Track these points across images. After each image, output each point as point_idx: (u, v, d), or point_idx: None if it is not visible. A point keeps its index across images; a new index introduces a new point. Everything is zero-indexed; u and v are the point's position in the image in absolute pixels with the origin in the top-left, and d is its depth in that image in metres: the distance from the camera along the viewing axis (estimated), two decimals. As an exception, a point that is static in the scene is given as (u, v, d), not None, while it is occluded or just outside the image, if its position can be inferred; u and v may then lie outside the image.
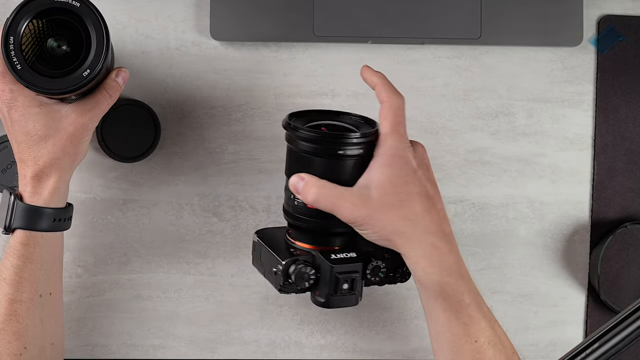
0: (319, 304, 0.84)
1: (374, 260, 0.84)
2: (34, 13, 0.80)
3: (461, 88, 1.00)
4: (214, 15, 0.97)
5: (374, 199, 0.79)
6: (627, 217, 1.00)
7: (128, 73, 0.87)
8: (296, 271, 0.82)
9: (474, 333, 0.79)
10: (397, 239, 0.79)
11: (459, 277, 0.79)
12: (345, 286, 0.83)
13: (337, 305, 0.84)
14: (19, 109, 0.83)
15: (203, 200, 0.99)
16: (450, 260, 0.79)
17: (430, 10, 0.98)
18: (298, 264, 0.82)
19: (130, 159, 0.97)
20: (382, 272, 0.85)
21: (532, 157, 1.00)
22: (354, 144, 0.81)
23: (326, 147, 0.81)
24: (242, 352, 1.00)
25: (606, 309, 0.99)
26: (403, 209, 0.79)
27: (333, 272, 0.82)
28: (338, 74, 0.99)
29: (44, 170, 0.83)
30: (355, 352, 1.00)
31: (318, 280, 0.83)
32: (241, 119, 0.99)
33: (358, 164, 0.81)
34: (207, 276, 0.99)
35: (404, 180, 0.79)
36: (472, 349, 0.79)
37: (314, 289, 0.84)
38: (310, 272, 0.82)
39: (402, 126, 0.81)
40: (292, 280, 0.82)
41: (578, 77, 1.00)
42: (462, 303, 0.79)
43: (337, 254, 0.83)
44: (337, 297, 0.83)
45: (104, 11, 0.98)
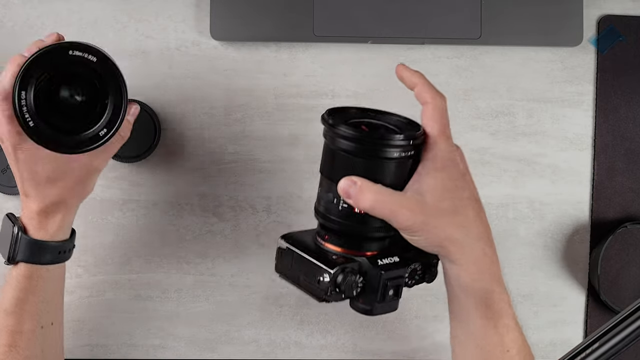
0: (363, 311, 0.80)
1: (412, 263, 0.81)
2: (48, 67, 0.76)
3: (461, 88, 1.00)
4: (214, 15, 0.97)
5: (429, 205, 0.75)
6: (627, 217, 1.00)
7: (138, 108, 0.86)
8: (346, 280, 0.77)
9: (507, 343, 0.78)
10: (450, 245, 0.76)
11: (502, 284, 0.78)
12: (391, 292, 0.79)
13: (380, 312, 0.80)
14: (25, 150, 0.80)
15: (203, 200, 0.99)
16: (497, 268, 0.79)
17: (430, 10, 0.98)
18: (347, 272, 0.77)
19: (130, 159, 0.97)
20: (418, 275, 0.82)
21: (532, 157, 1.00)
22: (400, 146, 0.76)
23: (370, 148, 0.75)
24: (242, 352, 1.00)
25: (606, 309, 0.99)
26: (458, 215, 0.76)
27: (382, 279, 0.78)
28: (338, 74, 0.99)
29: (51, 207, 0.82)
30: (355, 352, 1.00)
31: (364, 288, 0.78)
32: (241, 119, 0.99)
33: (402, 167, 0.77)
34: (207, 276, 0.99)
35: (455, 184, 0.77)
36: (506, 358, 0.78)
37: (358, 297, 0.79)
38: (359, 279, 0.78)
39: (449, 128, 0.78)
40: (340, 289, 0.77)
41: (578, 77, 1.00)
42: (502, 312, 0.78)
43: (382, 260, 0.79)
44: (382, 304, 0.79)
45: (104, 11, 0.98)
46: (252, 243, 0.99)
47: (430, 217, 0.75)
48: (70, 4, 0.98)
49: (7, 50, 0.98)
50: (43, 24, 0.98)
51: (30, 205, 0.82)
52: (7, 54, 0.98)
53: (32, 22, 0.98)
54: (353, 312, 1.00)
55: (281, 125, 0.99)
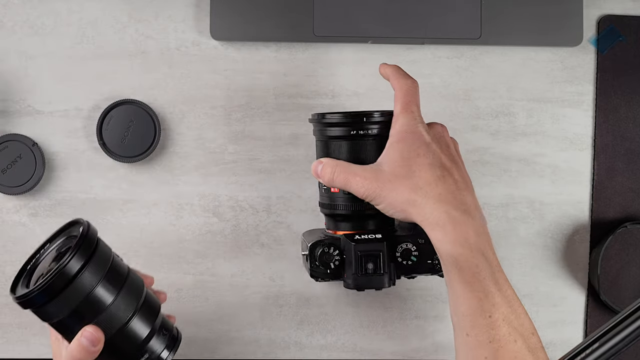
0: (347, 285, 0.87)
1: (405, 243, 0.86)
2: None
3: (461, 88, 1.00)
4: (214, 15, 0.97)
5: (385, 172, 0.81)
6: (627, 217, 1.00)
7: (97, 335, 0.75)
8: (320, 252, 0.86)
9: (488, 308, 0.78)
10: (410, 208, 0.80)
11: (474, 249, 0.78)
12: (370, 266, 0.85)
13: (365, 287, 0.86)
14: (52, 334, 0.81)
15: (203, 200, 0.99)
16: (466, 230, 0.79)
17: (430, 10, 0.98)
18: (323, 246, 0.86)
19: (130, 158, 0.97)
20: (414, 256, 0.86)
21: (532, 157, 1.00)
22: (370, 122, 0.84)
23: (343, 129, 0.85)
24: (242, 352, 1.00)
25: (606, 309, 0.99)
26: (413, 178, 0.80)
27: (355, 251, 0.85)
28: (338, 74, 0.99)
29: None
30: (355, 352, 1.00)
31: (343, 262, 0.86)
32: (241, 119, 0.99)
33: (377, 146, 0.84)
34: (207, 276, 0.99)
35: (416, 153, 0.81)
36: (486, 324, 0.78)
37: (341, 272, 0.86)
38: (334, 252, 0.86)
39: (414, 105, 0.83)
40: (320, 262, 0.86)
41: (578, 77, 1.00)
42: (476, 276, 0.78)
43: (362, 236, 0.86)
44: (363, 278, 0.85)
45: (104, 11, 0.98)
46: (252, 243, 0.99)
47: (386, 183, 0.80)
48: (70, 4, 0.98)
49: (7, 50, 0.98)
50: (43, 24, 0.98)
51: None
52: (7, 54, 0.98)
53: (32, 22, 0.98)
54: (353, 312, 1.00)
55: (281, 125, 0.99)
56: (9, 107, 0.98)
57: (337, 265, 0.86)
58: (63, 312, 0.75)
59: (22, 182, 0.96)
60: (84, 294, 0.74)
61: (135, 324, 0.78)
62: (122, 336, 0.77)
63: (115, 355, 0.78)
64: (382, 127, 0.85)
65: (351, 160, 0.84)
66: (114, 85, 0.98)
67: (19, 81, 0.98)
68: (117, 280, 0.77)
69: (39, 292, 0.73)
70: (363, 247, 0.85)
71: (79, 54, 0.98)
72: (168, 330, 0.82)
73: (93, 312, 0.75)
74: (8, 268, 0.98)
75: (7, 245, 0.98)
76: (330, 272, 0.86)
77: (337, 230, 0.88)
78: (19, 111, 0.98)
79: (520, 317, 0.79)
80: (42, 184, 0.97)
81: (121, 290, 0.77)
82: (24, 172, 0.96)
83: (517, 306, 0.80)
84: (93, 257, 0.75)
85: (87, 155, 0.98)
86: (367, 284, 0.86)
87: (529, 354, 0.78)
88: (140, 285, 0.80)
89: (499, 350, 0.77)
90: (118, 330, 0.76)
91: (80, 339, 0.75)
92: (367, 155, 0.85)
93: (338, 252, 0.86)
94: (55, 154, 0.98)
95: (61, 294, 0.74)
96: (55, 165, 0.98)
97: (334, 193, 0.87)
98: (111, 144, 0.97)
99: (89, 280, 0.75)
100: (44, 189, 0.98)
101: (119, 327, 0.76)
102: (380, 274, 0.85)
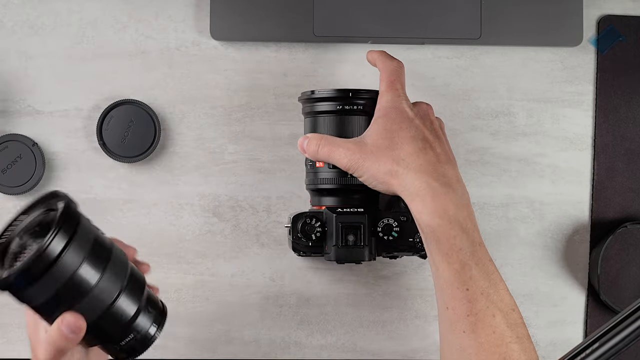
0: (328, 258, 0.88)
1: (386, 218, 0.88)
2: None
3: (461, 88, 1.00)
4: (214, 15, 0.97)
5: (367, 144, 0.83)
6: (627, 217, 1.00)
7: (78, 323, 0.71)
8: (302, 224, 0.88)
9: (465, 280, 0.78)
10: (391, 179, 0.81)
11: (453, 220, 0.79)
12: (350, 238, 0.87)
13: (345, 259, 0.88)
14: None
15: (203, 200, 0.99)
16: (446, 202, 0.79)
17: (430, 10, 0.98)
18: (305, 217, 0.88)
19: (130, 158, 0.97)
20: (395, 232, 0.88)
21: (532, 157, 1.00)
22: (356, 98, 0.87)
23: (330, 104, 0.88)
24: (242, 352, 1.00)
25: (606, 309, 0.99)
26: (395, 150, 0.82)
27: (337, 222, 0.87)
28: (338, 74, 0.99)
29: None
30: (355, 352, 1.00)
31: (325, 234, 0.88)
32: (241, 119, 0.99)
33: (363, 122, 0.87)
34: (207, 276, 0.99)
35: (399, 126, 0.83)
36: (463, 297, 0.78)
37: (323, 245, 0.88)
38: (315, 224, 0.88)
39: (398, 83, 0.85)
40: (302, 234, 0.87)
41: (578, 77, 1.00)
42: (453, 247, 0.78)
43: (343, 209, 0.88)
44: (344, 250, 0.87)
45: (104, 11, 0.98)
46: (252, 243, 0.99)
47: (368, 154, 0.82)
48: (70, 4, 0.98)
49: (7, 50, 0.98)
50: (43, 24, 0.98)
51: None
52: (7, 54, 0.98)
53: (32, 22, 0.98)
54: (353, 312, 1.00)
55: (281, 125, 0.99)
56: (9, 107, 0.98)
57: (319, 237, 0.88)
58: (43, 296, 0.69)
59: (22, 182, 0.96)
60: (66, 276, 0.69)
61: (121, 303, 0.73)
62: (107, 318, 0.72)
63: (100, 337, 0.74)
64: (369, 103, 0.87)
65: (338, 136, 0.87)
66: (114, 85, 0.98)
67: (19, 81, 0.98)
68: (100, 259, 0.71)
69: (16, 276, 0.67)
70: (344, 218, 0.87)
71: (79, 54, 0.98)
72: (154, 306, 0.77)
73: (76, 295, 0.70)
74: (8, 268, 0.98)
75: (7, 245, 0.98)
76: (311, 245, 0.88)
77: (321, 205, 0.90)
78: (19, 111, 0.98)
79: (500, 292, 0.79)
80: (42, 184, 0.97)
81: (105, 270, 0.71)
82: (24, 172, 0.96)
83: (498, 281, 0.79)
84: (75, 236, 0.69)
85: (87, 155, 0.98)
86: (347, 256, 0.88)
87: (507, 329, 0.78)
88: (124, 261, 0.75)
89: (476, 324, 0.77)
90: (103, 313, 0.72)
91: (60, 327, 0.71)
92: (354, 130, 0.87)
93: (320, 224, 0.88)
94: (55, 154, 0.98)
95: (41, 279, 0.68)
96: (55, 165, 0.98)
97: (319, 168, 0.89)
98: (111, 144, 0.97)
99: (71, 262, 0.69)
100: (44, 189, 0.98)
101: (103, 309, 0.72)
102: (361, 247, 0.87)
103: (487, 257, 0.80)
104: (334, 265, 0.97)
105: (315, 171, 0.90)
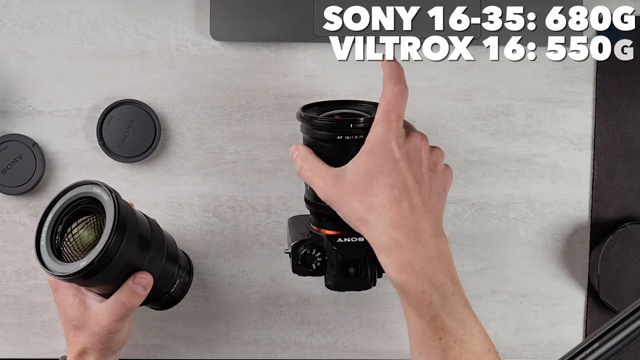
0: (328, 286, 0.87)
1: None
2: None
3: (461, 88, 1.00)
4: (214, 15, 0.97)
5: (346, 181, 0.78)
6: (627, 217, 1.00)
7: (149, 279, 0.85)
8: (303, 253, 0.86)
9: (437, 332, 0.77)
10: (362, 226, 0.78)
11: (421, 276, 0.76)
12: (351, 270, 0.85)
13: (346, 289, 0.86)
14: (58, 294, 0.86)
15: (203, 200, 0.99)
16: (413, 257, 0.76)
17: (430, 9, 0.98)
18: (306, 246, 0.86)
19: (130, 158, 0.97)
20: None
21: (532, 157, 1.00)
22: (352, 129, 0.82)
23: (328, 135, 0.82)
24: (242, 352, 1.00)
25: (606, 309, 0.99)
26: (370, 197, 0.77)
27: (337, 256, 0.85)
28: (338, 74, 0.99)
29: (84, 352, 0.86)
30: (355, 352, 1.00)
31: (325, 263, 0.86)
32: (241, 119, 0.99)
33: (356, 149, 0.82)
34: (207, 276, 0.99)
35: (380, 169, 0.77)
36: (437, 345, 0.77)
37: (324, 272, 0.86)
38: (316, 254, 0.86)
39: (394, 114, 0.78)
40: (302, 263, 0.86)
41: (578, 77, 1.00)
42: (422, 302, 0.76)
43: (344, 239, 0.85)
44: (344, 281, 0.85)
45: (104, 11, 0.98)
46: (252, 243, 0.99)
47: (343, 194, 0.78)
48: (70, 4, 0.98)
49: (7, 50, 0.98)
50: (43, 24, 0.98)
51: (70, 348, 0.87)
52: (7, 54, 0.98)
53: (32, 22, 0.98)
54: (353, 312, 1.00)
55: (281, 125, 0.99)
56: (9, 107, 0.98)
57: (319, 266, 0.86)
58: (106, 278, 0.82)
59: (22, 182, 0.96)
60: (126, 261, 0.82)
61: (166, 266, 0.87)
62: (158, 281, 0.87)
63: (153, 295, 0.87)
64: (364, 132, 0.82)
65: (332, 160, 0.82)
66: (114, 85, 0.98)
67: (19, 81, 0.98)
68: (146, 234, 0.85)
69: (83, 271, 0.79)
70: (345, 252, 0.85)
71: (79, 54, 0.98)
72: (183, 258, 0.92)
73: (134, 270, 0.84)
74: (8, 268, 0.98)
75: (7, 245, 0.98)
76: (312, 271, 0.87)
77: (321, 228, 0.87)
78: (19, 111, 0.98)
79: (475, 336, 0.78)
80: (42, 184, 0.97)
81: (152, 243, 0.85)
82: (24, 172, 0.96)
83: (472, 325, 0.78)
84: (127, 226, 0.81)
85: (87, 155, 0.98)
86: (348, 286, 0.86)
87: None
88: (160, 233, 0.88)
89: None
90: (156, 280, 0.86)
91: (132, 286, 0.83)
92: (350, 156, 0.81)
93: (320, 254, 0.86)
94: (55, 154, 0.98)
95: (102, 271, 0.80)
96: (55, 165, 0.98)
97: None
98: (111, 144, 0.97)
99: (128, 249, 0.81)
100: (44, 189, 0.98)
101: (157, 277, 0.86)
102: (361, 277, 0.85)
103: (461, 304, 0.78)
104: (334, 265, 0.97)
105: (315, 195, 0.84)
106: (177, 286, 0.90)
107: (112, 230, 0.80)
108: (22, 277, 0.98)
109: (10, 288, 0.98)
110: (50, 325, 0.98)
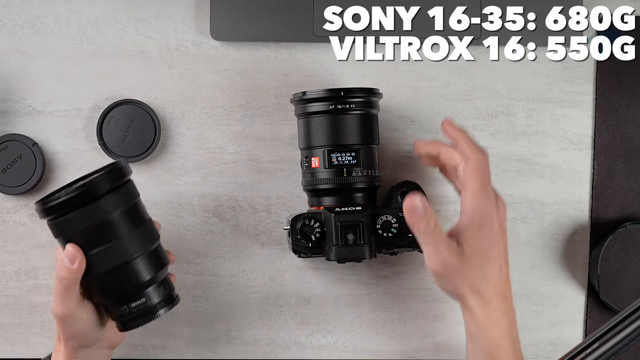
0: (329, 258, 0.89)
1: (385, 215, 0.88)
2: None
3: (461, 88, 1.00)
4: (214, 15, 0.97)
5: (465, 253, 0.81)
6: (627, 217, 1.00)
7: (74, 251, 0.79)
8: (301, 225, 0.88)
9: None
10: (471, 297, 0.81)
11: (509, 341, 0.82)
12: (350, 236, 0.88)
13: (346, 258, 0.88)
14: None
15: (203, 200, 0.99)
16: (507, 322, 0.82)
17: (430, 9, 0.98)
18: (304, 218, 0.88)
19: (130, 158, 0.97)
20: (394, 228, 0.89)
21: (532, 157, 1.00)
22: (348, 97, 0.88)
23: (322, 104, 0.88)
24: (242, 352, 1.00)
25: (606, 309, 0.99)
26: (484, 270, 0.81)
27: (335, 222, 0.87)
28: (338, 74, 0.99)
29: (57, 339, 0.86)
30: (355, 352, 1.00)
31: (324, 235, 0.88)
32: (241, 119, 0.99)
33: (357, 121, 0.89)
34: (207, 276, 0.99)
35: (489, 244, 0.82)
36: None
37: (323, 245, 0.88)
38: (314, 225, 0.88)
39: (489, 184, 0.83)
40: (301, 236, 0.88)
41: (578, 77, 1.00)
42: None
43: (341, 208, 0.89)
44: (344, 249, 0.88)
45: (104, 11, 0.98)
46: (252, 243, 0.99)
47: (463, 265, 0.81)
48: (70, 4, 0.98)
49: (7, 50, 0.98)
50: (43, 24, 0.98)
51: None
52: (7, 54, 0.98)
53: (32, 22, 0.98)
54: (353, 312, 1.00)
55: (281, 125, 0.99)
56: (9, 107, 0.98)
57: (318, 238, 0.88)
58: (76, 228, 0.78)
59: (22, 182, 0.96)
60: (102, 215, 0.78)
61: (140, 264, 0.80)
62: (123, 271, 0.80)
63: (112, 289, 0.81)
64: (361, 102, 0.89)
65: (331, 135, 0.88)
66: (114, 85, 0.98)
67: (19, 81, 0.98)
68: (134, 220, 0.80)
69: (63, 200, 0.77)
70: (343, 217, 0.88)
71: (79, 54, 0.98)
72: (169, 286, 0.84)
73: (101, 239, 0.79)
74: (8, 268, 0.98)
75: (7, 245, 0.98)
76: (311, 246, 0.88)
77: (319, 206, 0.90)
78: (19, 111, 0.98)
79: None
80: (42, 184, 0.97)
81: (134, 230, 0.80)
82: (24, 172, 0.96)
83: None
84: (121, 187, 0.79)
85: (87, 155, 0.98)
86: (348, 255, 0.88)
87: None
88: (155, 235, 0.83)
89: None
90: (122, 264, 0.79)
91: (62, 257, 0.79)
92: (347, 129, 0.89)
93: (319, 224, 0.88)
94: (55, 154, 0.98)
95: (82, 208, 0.77)
96: (55, 165, 0.98)
97: (315, 169, 0.90)
98: (111, 144, 0.97)
99: (110, 205, 0.78)
100: (44, 189, 0.98)
101: (123, 261, 0.79)
102: (361, 245, 0.88)
103: None
104: (334, 265, 0.97)
105: (312, 172, 0.91)
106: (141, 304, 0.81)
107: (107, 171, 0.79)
108: (22, 277, 0.98)
109: (10, 288, 0.98)
110: (50, 325, 0.98)
